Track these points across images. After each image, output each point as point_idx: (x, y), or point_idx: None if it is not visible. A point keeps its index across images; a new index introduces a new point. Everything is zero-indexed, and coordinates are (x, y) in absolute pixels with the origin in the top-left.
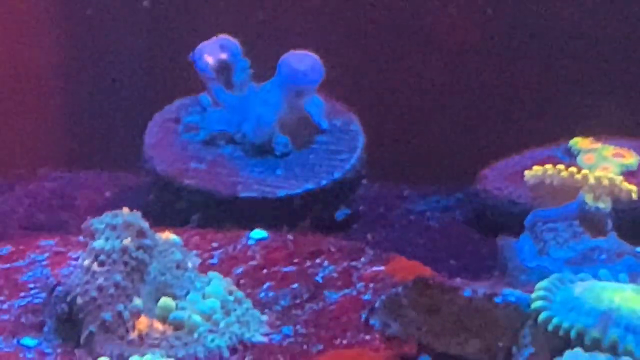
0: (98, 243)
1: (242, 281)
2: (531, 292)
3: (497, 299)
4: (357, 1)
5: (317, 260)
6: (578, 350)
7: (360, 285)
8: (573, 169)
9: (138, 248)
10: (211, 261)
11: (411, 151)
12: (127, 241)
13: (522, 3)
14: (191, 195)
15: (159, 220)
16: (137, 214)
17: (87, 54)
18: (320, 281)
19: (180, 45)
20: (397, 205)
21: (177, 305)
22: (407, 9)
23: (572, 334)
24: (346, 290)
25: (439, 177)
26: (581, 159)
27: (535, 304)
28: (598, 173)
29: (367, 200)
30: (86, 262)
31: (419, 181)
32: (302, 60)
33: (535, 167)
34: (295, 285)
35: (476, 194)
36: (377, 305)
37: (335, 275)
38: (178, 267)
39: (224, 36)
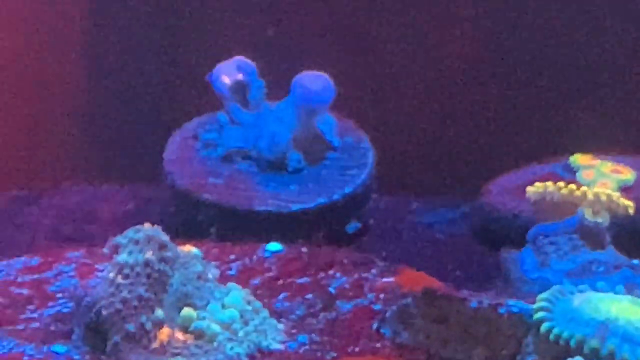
0: (122, 257)
1: (259, 292)
2: (533, 302)
3: (502, 310)
4: (368, 20)
5: (330, 272)
6: (578, 358)
7: (371, 295)
8: (572, 186)
9: (160, 261)
10: (229, 272)
11: (419, 166)
12: (149, 254)
13: (524, 21)
14: (209, 209)
15: (179, 233)
16: (158, 228)
17: (111, 71)
18: (334, 292)
19: (199, 65)
20: (405, 218)
21: (198, 315)
22: (414, 27)
23: (572, 343)
24: (358, 300)
25: (446, 190)
26: (581, 174)
27: (537, 315)
28: (596, 189)
29: (377, 214)
30: (111, 275)
31: (427, 195)
32: (315, 80)
33: (537, 184)
34: (309, 296)
35: (480, 208)
36: (388, 314)
37: (347, 286)
38: (199, 278)
39: (240, 57)
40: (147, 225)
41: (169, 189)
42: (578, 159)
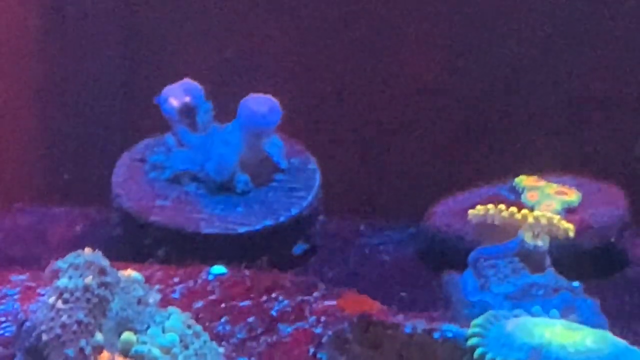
0: (62, 282)
1: (201, 315)
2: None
3: (436, 335)
4: (315, 42)
5: (273, 295)
6: None
7: (312, 318)
8: (513, 209)
9: (100, 286)
10: (173, 295)
11: (366, 187)
12: (89, 279)
13: (471, 46)
14: (157, 231)
15: (126, 255)
16: (99, 253)
17: (60, 94)
18: (275, 315)
19: (147, 87)
20: (352, 240)
21: (138, 339)
22: (364, 50)
23: None
24: (299, 324)
25: (393, 212)
26: (525, 196)
27: (471, 341)
28: (537, 213)
29: (324, 235)
30: (51, 300)
31: (374, 216)
32: (261, 103)
33: (478, 206)
34: (251, 319)
35: (425, 230)
36: (324, 339)
37: (289, 309)
38: (139, 302)
39: (187, 80)
40: (87, 250)
41: (116, 211)
42: (523, 181)
